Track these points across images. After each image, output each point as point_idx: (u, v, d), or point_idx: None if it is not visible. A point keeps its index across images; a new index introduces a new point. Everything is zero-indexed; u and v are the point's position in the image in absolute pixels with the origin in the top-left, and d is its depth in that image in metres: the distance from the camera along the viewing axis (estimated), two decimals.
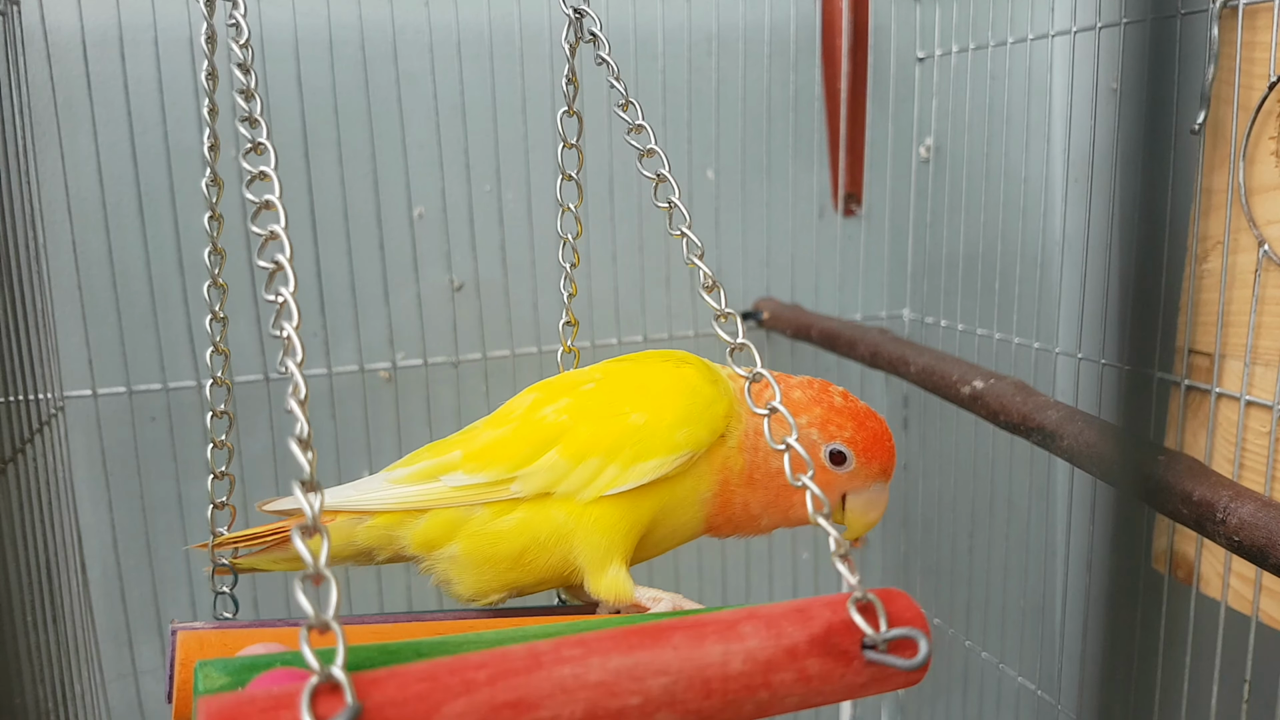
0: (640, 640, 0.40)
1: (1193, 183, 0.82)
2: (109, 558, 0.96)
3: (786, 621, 0.42)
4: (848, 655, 0.43)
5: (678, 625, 0.41)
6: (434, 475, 0.58)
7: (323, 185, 0.98)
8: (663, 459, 0.55)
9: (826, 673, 0.42)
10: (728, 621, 0.42)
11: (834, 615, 0.43)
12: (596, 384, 0.60)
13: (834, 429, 0.58)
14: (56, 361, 0.91)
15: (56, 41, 0.90)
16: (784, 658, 0.42)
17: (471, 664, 0.38)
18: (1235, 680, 0.78)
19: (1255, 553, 0.59)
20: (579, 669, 0.38)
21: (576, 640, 0.39)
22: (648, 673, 0.39)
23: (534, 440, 0.57)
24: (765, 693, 0.41)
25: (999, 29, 1.02)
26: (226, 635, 0.52)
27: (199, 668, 0.43)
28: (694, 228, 1.13)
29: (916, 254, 1.17)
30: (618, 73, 0.61)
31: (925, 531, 1.22)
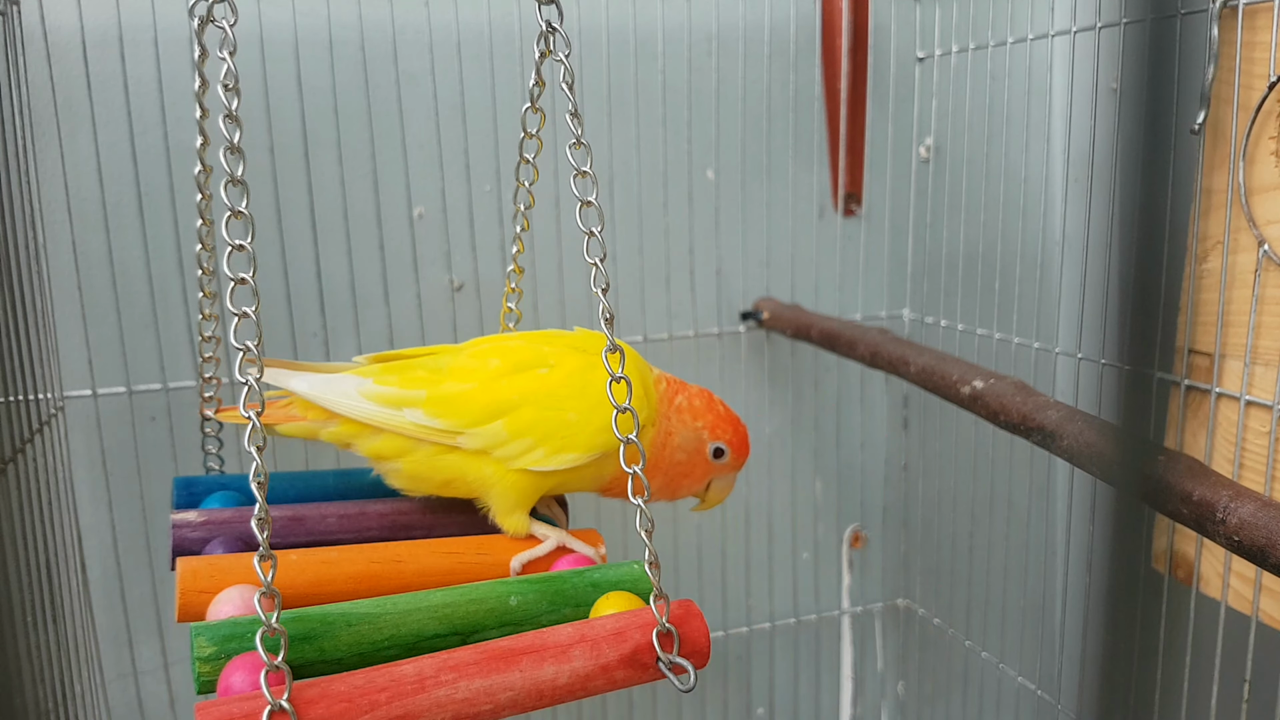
0: (496, 665, 0.55)
1: (1193, 183, 0.82)
2: (109, 558, 0.96)
3: (606, 644, 0.57)
4: (645, 666, 0.58)
5: (527, 650, 0.56)
6: (398, 404, 0.70)
7: (323, 185, 0.98)
8: (579, 455, 0.69)
9: (627, 678, 0.58)
10: (563, 646, 0.57)
11: (642, 638, 0.58)
12: (550, 370, 0.71)
13: (719, 431, 0.75)
14: (56, 361, 0.91)
15: (56, 41, 0.90)
16: (599, 672, 0.57)
17: (377, 685, 0.52)
18: (1235, 680, 0.78)
19: (1255, 553, 0.59)
20: (451, 690, 0.53)
21: (451, 665, 0.54)
22: (499, 689, 0.54)
23: (488, 407, 0.69)
24: (581, 693, 0.57)
25: (999, 29, 1.02)
26: (214, 567, 0.64)
27: (194, 636, 0.55)
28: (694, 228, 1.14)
29: (916, 254, 1.17)
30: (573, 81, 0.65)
31: (925, 531, 1.22)
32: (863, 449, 1.22)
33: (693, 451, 0.74)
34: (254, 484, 0.52)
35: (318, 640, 0.57)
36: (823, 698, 1.25)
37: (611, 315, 0.63)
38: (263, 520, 0.52)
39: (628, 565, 0.66)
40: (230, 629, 0.56)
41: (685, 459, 0.74)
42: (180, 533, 0.70)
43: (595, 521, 1.09)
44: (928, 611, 1.22)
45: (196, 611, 0.62)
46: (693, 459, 0.74)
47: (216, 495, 0.76)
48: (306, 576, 0.65)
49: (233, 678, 0.53)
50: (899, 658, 1.27)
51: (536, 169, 0.80)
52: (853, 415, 1.21)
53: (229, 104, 0.56)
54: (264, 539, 0.52)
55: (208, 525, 0.71)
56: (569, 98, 0.64)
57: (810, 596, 1.22)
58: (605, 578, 0.65)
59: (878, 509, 1.24)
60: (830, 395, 1.19)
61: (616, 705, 1.16)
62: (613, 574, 0.65)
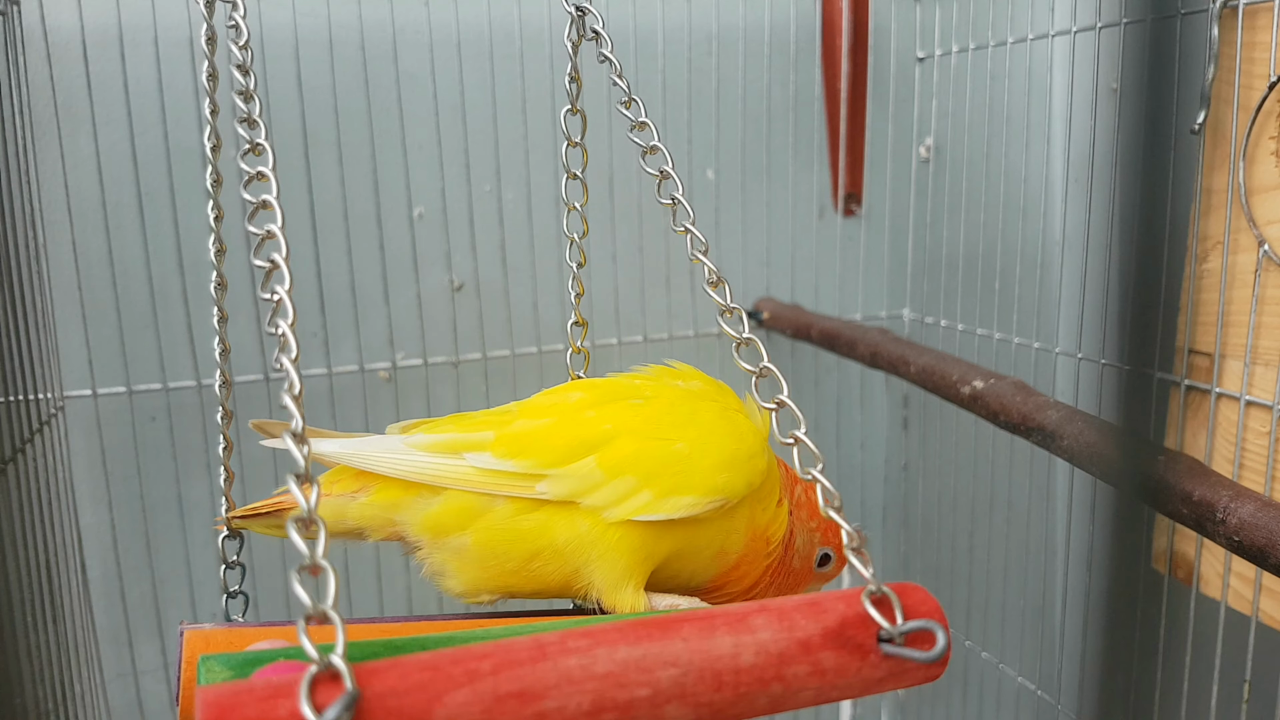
0: (649, 632, 0.39)
1: (1193, 183, 0.82)
2: (109, 558, 0.96)
3: (799, 614, 0.42)
4: (863, 649, 0.42)
5: (687, 618, 0.41)
6: (458, 450, 0.54)
7: (323, 185, 0.98)
8: (697, 498, 0.54)
9: (842, 666, 0.42)
10: (739, 614, 0.42)
11: (848, 608, 0.43)
12: (646, 401, 0.58)
13: (829, 536, 0.60)
14: (56, 361, 0.91)
15: (56, 41, 0.90)
16: (797, 650, 0.41)
17: (475, 654, 0.37)
18: (1235, 680, 0.78)
19: (1255, 553, 0.59)
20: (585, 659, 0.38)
21: (583, 632, 0.39)
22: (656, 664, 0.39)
23: (574, 440, 0.55)
24: (779, 685, 0.41)
25: (999, 29, 1.02)
26: (233, 634, 0.51)
27: (202, 661, 0.43)
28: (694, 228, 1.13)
29: (916, 254, 1.17)
30: (620, 70, 0.61)
31: (925, 531, 1.22)
32: (863, 449, 1.22)
33: (805, 557, 0.60)
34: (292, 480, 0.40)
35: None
36: None
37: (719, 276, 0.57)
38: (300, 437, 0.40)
39: None
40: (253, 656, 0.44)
41: (800, 566, 0.60)
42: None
43: None
44: None
45: None
46: (805, 566, 0.60)
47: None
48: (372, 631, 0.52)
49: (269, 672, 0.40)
50: None
51: (586, 186, 0.69)
52: (853, 415, 1.20)
53: (243, 59, 0.54)
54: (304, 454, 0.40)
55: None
56: (613, 62, 0.60)
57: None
58: None
59: (878, 509, 1.24)
60: (830, 395, 1.19)
61: None
62: None
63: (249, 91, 0.53)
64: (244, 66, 0.54)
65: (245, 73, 0.54)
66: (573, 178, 0.68)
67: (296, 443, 0.40)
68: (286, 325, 0.44)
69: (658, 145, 0.59)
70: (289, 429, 0.41)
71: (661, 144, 0.60)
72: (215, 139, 0.63)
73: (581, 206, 0.68)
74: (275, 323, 0.45)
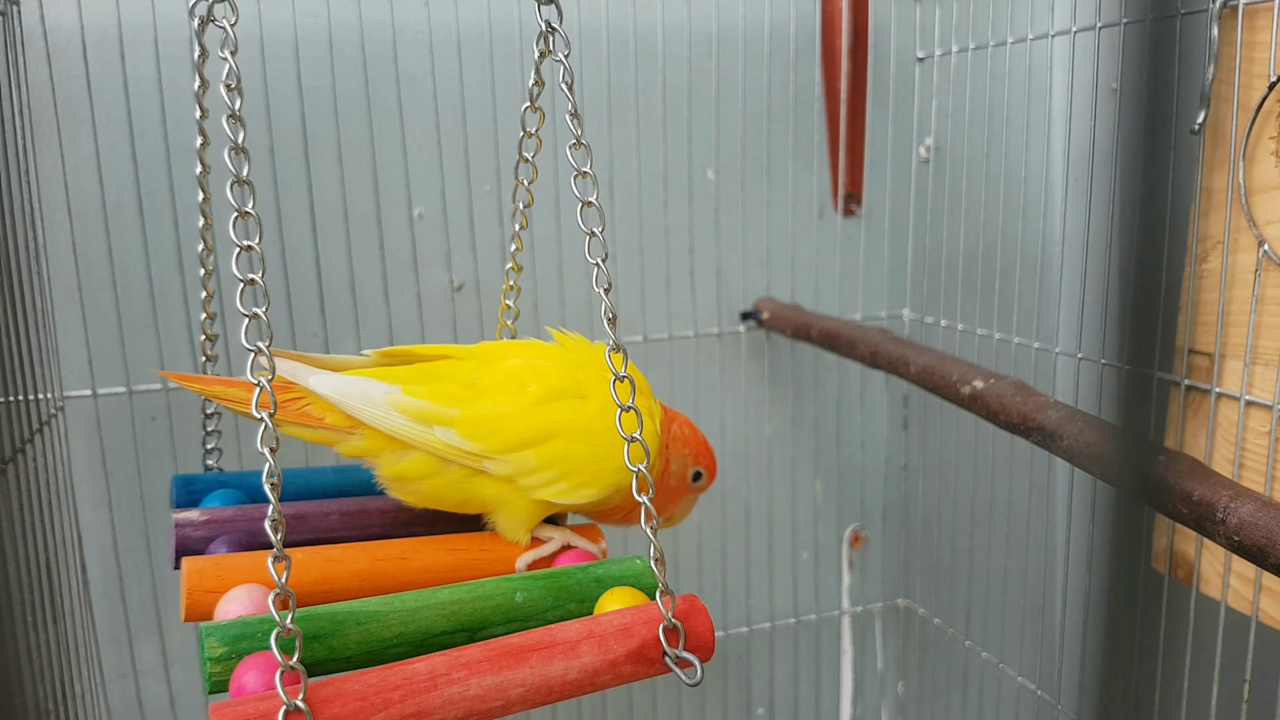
0: (507, 662, 0.55)
1: (1193, 183, 0.82)
2: (109, 558, 0.96)
3: (614, 640, 0.58)
4: (652, 660, 0.59)
5: (536, 646, 0.56)
6: (429, 421, 0.67)
7: (323, 185, 0.98)
8: (600, 490, 0.69)
9: (635, 672, 0.58)
10: (571, 643, 0.57)
11: (648, 633, 0.59)
12: (584, 401, 0.70)
13: (701, 457, 0.77)
14: (56, 361, 0.91)
15: (56, 41, 0.90)
16: (607, 667, 0.58)
17: (390, 684, 0.52)
18: (1235, 680, 0.78)
19: (1255, 553, 0.59)
20: (462, 687, 0.54)
21: (463, 663, 0.54)
22: (510, 685, 0.55)
23: (522, 435, 0.68)
24: (590, 687, 0.58)
25: (999, 29, 1.02)
26: (221, 566, 0.64)
27: (203, 637, 0.55)
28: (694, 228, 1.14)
29: (916, 254, 1.17)
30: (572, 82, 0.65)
31: (925, 531, 1.22)
32: (863, 449, 1.22)
33: (680, 477, 0.76)
34: (267, 485, 0.53)
35: (327, 639, 0.57)
36: (823, 698, 1.25)
37: (614, 315, 0.63)
38: (277, 521, 0.52)
39: (630, 560, 0.67)
40: (241, 629, 0.56)
41: (675, 484, 0.76)
42: (183, 532, 0.70)
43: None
44: (928, 611, 1.22)
45: (203, 611, 0.62)
46: (679, 484, 0.76)
47: (217, 494, 0.76)
48: (312, 575, 0.65)
49: (245, 677, 0.53)
50: (899, 658, 1.27)
51: (536, 168, 0.79)
52: (853, 415, 1.21)
53: (231, 104, 0.56)
54: (278, 540, 0.52)
55: (210, 524, 0.71)
56: (568, 98, 0.64)
57: (810, 596, 1.22)
58: (609, 573, 0.65)
59: (878, 509, 1.24)
60: (830, 395, 1.19)
61: (616, 704, 1.16)
62: (616, 569, 0.66)
63: (236, 114, 0.56)
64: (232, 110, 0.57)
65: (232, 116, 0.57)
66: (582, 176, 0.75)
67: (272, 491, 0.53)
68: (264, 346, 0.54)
69: (589, 172, 0.66)
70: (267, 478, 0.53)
71: (591, 171, 0.65)
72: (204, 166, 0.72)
73: (530, 183, 0.80)
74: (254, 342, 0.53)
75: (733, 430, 1.15)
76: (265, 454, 0.53)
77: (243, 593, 0.61)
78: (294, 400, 0.69)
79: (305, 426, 0.69)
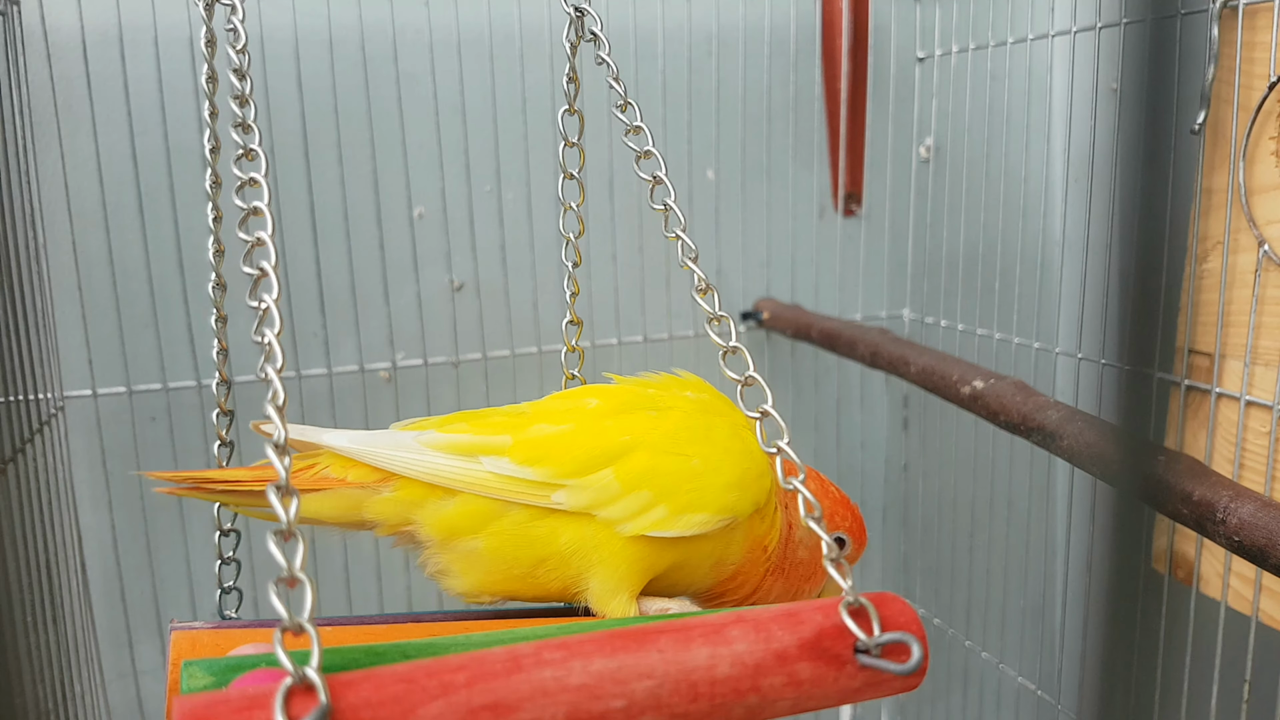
0: (624, 643, 0.40)
1: (1193, 183, 0.82)
2: (109, 558, 0.96)
3: (776, 625, 0.42)
4: (840, 659, 0.43)
5: (664, 629, 0.41)
6: (474, 454, 0.54)
7: (323, 185, 0.98)
8: (709, 515, 0.54)
9: (818, 677, 0.42)
10: (715, 625, 0.42)
11: (825, 619, 0.43)
12: (661, 413, 0.58)
13: (838, 519, 0.61)
14: (56, 361, 0.91)
15: (56, 41, 0.90)
16: (773, 661, 0.42)
17: (449, 666, 0.37)
18: (1235, 680, 0.78)
19: (1255, 553, 0.59)
20: (560, 671, 0.38)
21: (559, 643, 0.39)
22: (632, 676, 0.39)
23: (593, 450, 0.55)
24: (754, 696, 0.41)
25: (999, 29, 1.02)
26: (220, 635, 0.51)
27: (185, 667, 0.43)
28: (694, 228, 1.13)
29: (916, 254, 1.17)
30: (617, 73, 0.61)
31: (925, 531, 1.22)
32: (863, 449, 1.22)
33: (813, 547, 0.59)
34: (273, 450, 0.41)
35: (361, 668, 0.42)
36: None
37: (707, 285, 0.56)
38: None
39: None
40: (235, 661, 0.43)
41: (808, 556, 0.59)
42: None
43: None
44: (928, 611, 1.22)
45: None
46: (814, 555, 0.59)
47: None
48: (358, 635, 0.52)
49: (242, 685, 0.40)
50: None
51: (583, 186, 0.69)
52: (853, 415, 1.20)
53: (240, 63, 0.54)
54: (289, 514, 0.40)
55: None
56: (611, 65, 0.61)
57: None
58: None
59: (878, 509, 1.24)
60: (830, 395, 1.19)
61: None
62: None
63: (245, 96, 0.53)
64: (241, 71, 0.54)
65: (242, 77, 0.54)
66: (569, 178, 0.68)
67: (278, 454, 0.40)
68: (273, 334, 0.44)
69: (653, 150, 0.60)
70: (272, 439, 0.41)
71: (656, 149, 0.60)
72: (215, 141, 0.63)
73: (578, 206, 0.68)
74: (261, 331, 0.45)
75: None
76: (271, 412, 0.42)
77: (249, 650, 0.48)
78: (307, 468, 0.57)
79: (324, 491, 0.55)
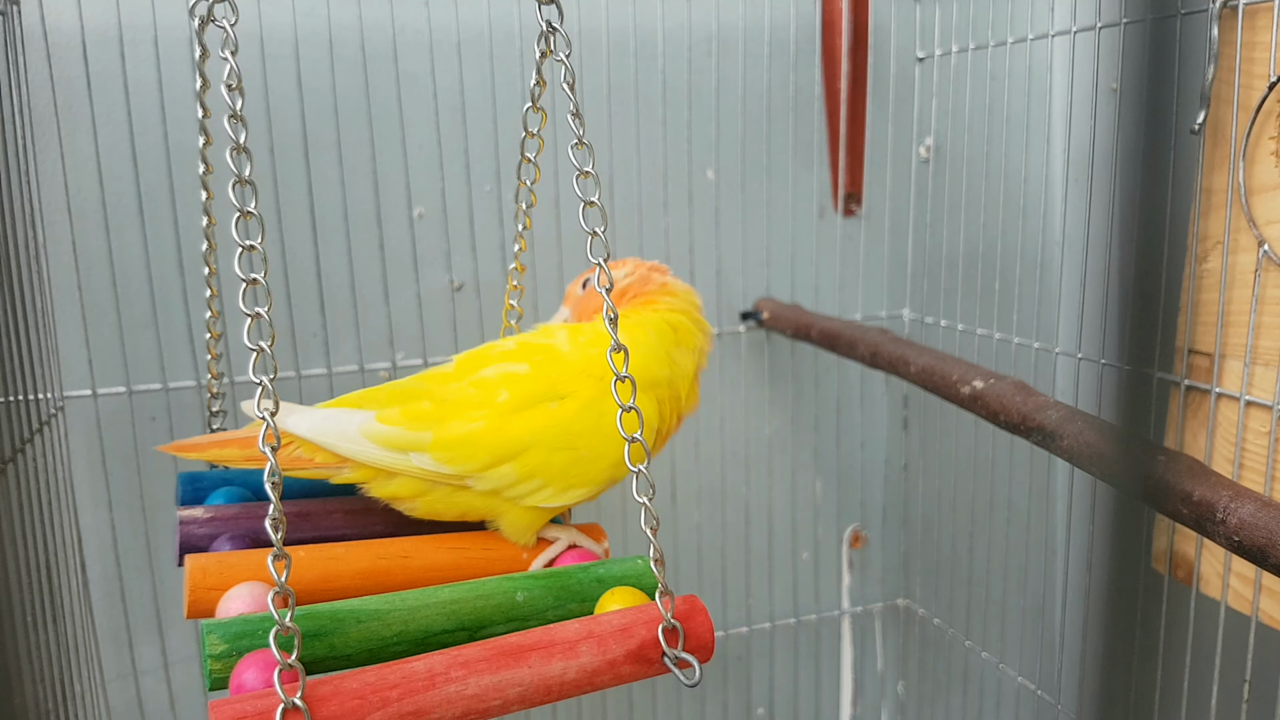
0: (506, 661, 0.55)
1: (1193, 183, 0.82)
2: (109, 558, 0.96)
3: (612, 640, 0.58)
4: (651, 661, 0.59)
5: (535, 646, 0.56)
6: (404, 449, 0.67)
7: (323, 185, 0.98)
8: (590, 489, 0.69)
9: (634, 672, 0.58)
10: (570, 642, 0.57)
11: (648, 633, 0.59)
12: (562, 403, 0.69)
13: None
14: (56, 361, 0.91)
15: (56, 41, 0.90)
16: (606, 667, 0.57)
17: (388, 682, 0.53)
18: (1235, 680, 0.78)
19: (1255, 553, 0.59)
20: (461, 686, 0.54)
21: (461, 662, 0.55)
22: (508, 685, 0.55)
23: (496, 450, 0.68)
24: (588, 688, 0.58)
25: (999, 29, 1.02)
26: (224, 564, 0.64)
27: (204, 631, 0.56)
28: (694, 228, 1.13)
29: (916, 254, 1.17)
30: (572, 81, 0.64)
31: (925, 531, 1.22)
32: (863, 449, 1.22)
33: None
34: (269, 485, 0.53)
35: (328, 637, 0.57)
36: (823, 698, 1.25)
37: (616, 315, 0.63)
38: (277, 520, 0.52)
39: (631, 560, 0.67)
40: (242, 626, 0.57)
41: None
42: (187, 529, 0.70)
43: (596, 515, 1.09)
44: (928, 611, 1.22)
45: (205, 608, 0.63)
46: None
47: (221, 491, 0.76)
48: (314, 573, 0.65)
49: (245, 675, 0.53)
50: (899, 658, 1.27)
51: (538, 168, 0.79)
52: (853, 415, 1.21)
53: (233, 104, 0.56)
54: (278, 539, 0.52)
55: (214, 521, 0.71)
56: (570, 98, 0.64)
57: (810, 596, 1.22)
58: (610, 573, 0.65)
59: (878, 509, 1.24)
60: (830, 395, 1.19)
61: (616, 705, 1.16)
62: (617, 569, 0.66)
63: (237, 114, 0.57)
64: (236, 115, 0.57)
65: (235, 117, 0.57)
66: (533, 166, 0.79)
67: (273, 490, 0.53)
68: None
69: (590, 171, 0.64)
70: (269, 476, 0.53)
71: (593, 170, 0.64)
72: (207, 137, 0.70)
73: (532, 183, 0.80)
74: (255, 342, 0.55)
75: (733, 430, 1.15)
76: (267, 452, 0.53)
77: (245, 590, 0.61)
78: (287, 445, 0.69)
79: (299, 469, 0.69)
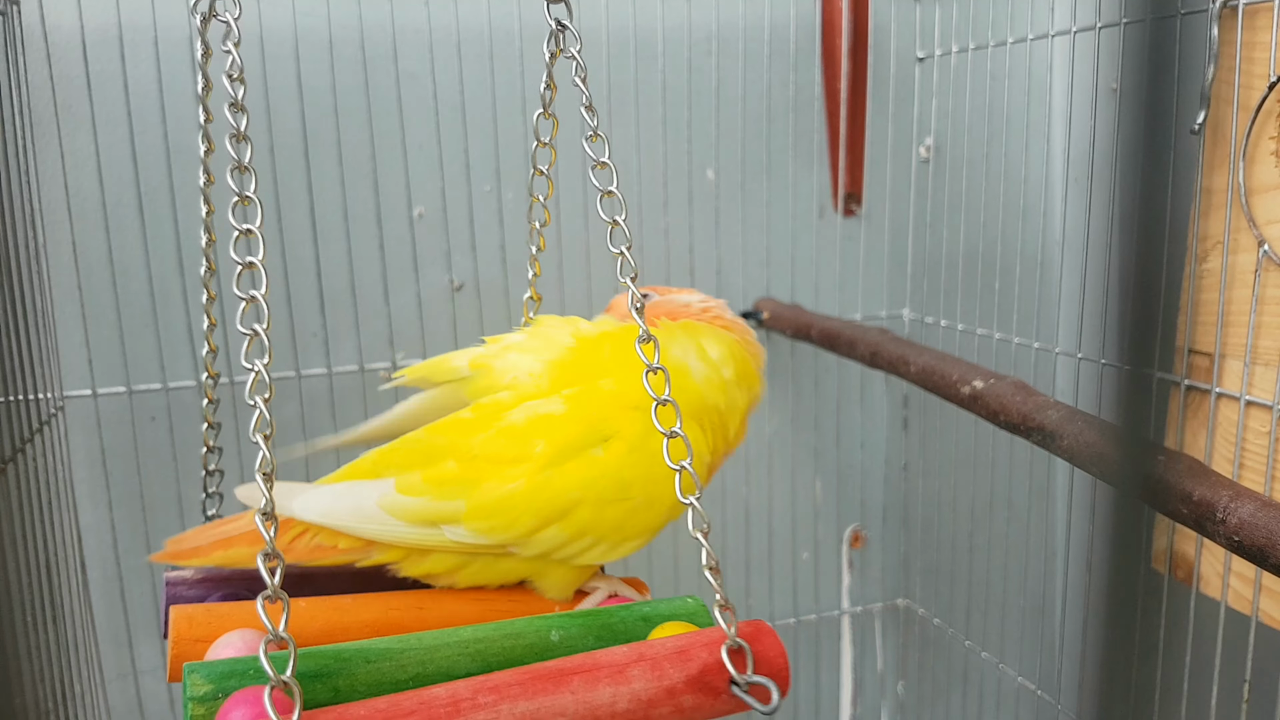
0: (544, 686, 0.47)
1: (1193, 183, 0.82)
2: (109, 558, 0.96)
3: (669, 664, 0.50)
4: (717, 690, 0.51)
5: (578, 670, 0.49)
6: (435, 522, 0.60)
7: (323, 185, 0.98)
8: (646, 538, 0.63)
9: (698, 705, 0.50)
10: (619, 665, 0.50)
11: (709, 656, 0.51)
12: (606, 447, 0.61)
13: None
14: (56, 361, 0.91)
15: (56, 41, 0.90)
16: (664, 696, 0.50)
17: (403, 709, 0.45)
18: (1235, 680, 0.78)
19: (1255, 553, 0.59)
20: (491, 714, 0.46)
21: (491, 686, 0.47)
22: (549, 715, 0.47)
23: (540, 513, 0.60)
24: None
25: (999, 29, 1.02)
26: (213, 613, 0.58)
27: (186, 672, 0.49)
28: (694, 228, 1.13)
29: (916, 254, 1.17)
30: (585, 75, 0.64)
31: (925, 531, 1.22)
32: (863, 449, 1.22)
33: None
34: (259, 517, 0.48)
35: (332, 678, 0.50)
36: (823, 698, 1.25)
37: (642, 304, 0.60)
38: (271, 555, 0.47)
39: (681, 600, 0.61)
40: (229, 666, 0.50)
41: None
42: (175, 590, 0.65)
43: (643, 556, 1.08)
44: (928, 611, 1.22)
45: None
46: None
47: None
48: (317, 625, 0.59)
49: (232, 714, 0.46)
50: (899, 658, 1.27)
51: (551, 181, 0.75)
52: (853, 415, 1.20)
53: (234, 94, 0.56)
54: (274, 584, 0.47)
55: (205, 583, 0.65)
56: (584, 91, 0.63)
57: (810, 596, 1.22)
58: (656, 611, 0.59)
59: (878, 509, 1.24)
60: (830, 395, 1.19)
61: None
62: (665, 608, 0.60)
63: (239, 103, 0.56)
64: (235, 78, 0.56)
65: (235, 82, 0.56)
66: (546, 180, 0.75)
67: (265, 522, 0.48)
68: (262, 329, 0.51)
69: (607, 162, 0.63)
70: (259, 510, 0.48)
71: (610, 160, 0.63)
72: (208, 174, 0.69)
73: (545, 199, 0.75)
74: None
75: None
76: (259, 441, 0.48)
77: (236, 638, 0.55)
78: (301, 535, 0.63)
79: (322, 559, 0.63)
